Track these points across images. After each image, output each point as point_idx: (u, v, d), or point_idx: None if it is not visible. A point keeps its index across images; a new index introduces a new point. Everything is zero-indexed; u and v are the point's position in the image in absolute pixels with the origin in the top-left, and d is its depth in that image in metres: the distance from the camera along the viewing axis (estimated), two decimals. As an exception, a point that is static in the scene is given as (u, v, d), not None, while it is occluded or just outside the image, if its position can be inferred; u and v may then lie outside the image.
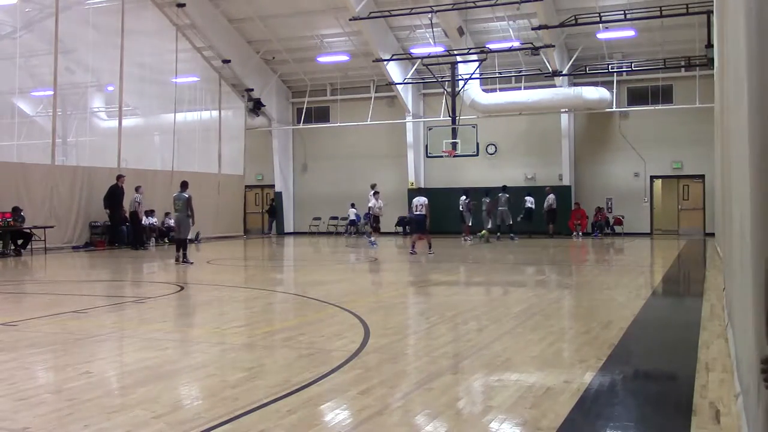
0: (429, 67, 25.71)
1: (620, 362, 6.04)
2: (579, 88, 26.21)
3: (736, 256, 4.79)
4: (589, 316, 8.64)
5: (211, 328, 7.91)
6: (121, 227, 22.55)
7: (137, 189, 22.14)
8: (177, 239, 16.60)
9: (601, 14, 22.49)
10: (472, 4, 22.82)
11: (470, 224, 24.90)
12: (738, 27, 4.00)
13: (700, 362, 5.83)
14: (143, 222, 23.40)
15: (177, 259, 16.18)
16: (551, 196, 26.03)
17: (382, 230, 23.71)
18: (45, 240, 19.81)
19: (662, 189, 28.73)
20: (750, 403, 3.58)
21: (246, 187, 30.48)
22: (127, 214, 21.99)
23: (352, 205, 29.11)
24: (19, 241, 19.44)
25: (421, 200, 18.90)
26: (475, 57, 25.58)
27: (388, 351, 6.41)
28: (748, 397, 3.69)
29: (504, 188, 25.60)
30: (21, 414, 4.53)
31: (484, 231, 25.04)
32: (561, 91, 26.33)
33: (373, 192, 22.68)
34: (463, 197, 25.04)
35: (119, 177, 22.03)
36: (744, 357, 4.12)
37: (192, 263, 16.00)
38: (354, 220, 29.29)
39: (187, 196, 16.02)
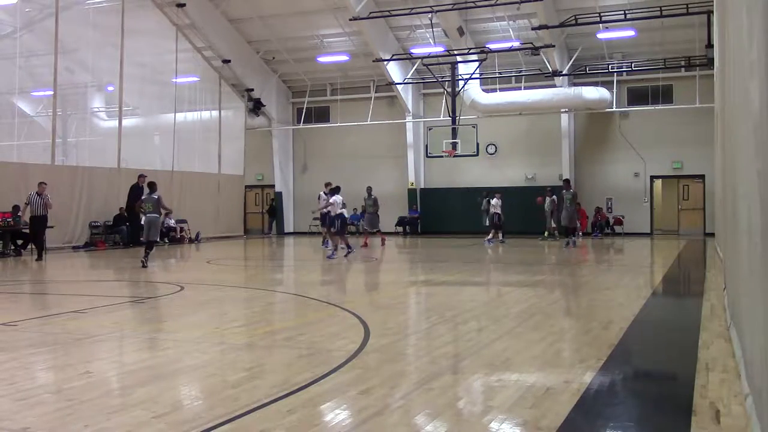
0: (429, 67, 25.71)
1: (620, 362, 6.04)
2: (579, 88, 26.21)
3: (743, 255, 4.77)
4: (589, 316, 8.64)
5: (211, 328, 7.90)
6: (121, 227, 22.58)
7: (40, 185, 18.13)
8: (148, 241, 15.48)
9: (601, 14, 22.49)
10: (472, 4, 22.82)
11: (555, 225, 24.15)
12: (746, 25, 3.99)
13: (700, 362, 5.83)
14: (142, 222, 23.36)
15: (143, 263, 15.14)
16: (554, 197, 25.94)
17: (380, 230, 23.57)
18: (45, 240, 19.77)
19: (662, 189, 28.73)
20: (763, 405, 3.56)
21: (246, 187, 30.48)
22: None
23: (344, 205, 29.06)
24: (19, 242, 19.43)
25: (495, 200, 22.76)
26: (475, 57, 25.58)
27: (388, 351, 6.40)
28: (761, 399, 3.67)
29: (566, 182, 22.73)
30: (21, 414, 4.53)
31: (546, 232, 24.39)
32: (561, 91, 26.33)
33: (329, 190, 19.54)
34: (552, 197, 24.26)
35: (140, 177, 21.97)
36: (754, 358, 4.11)
37: (147, 267, 14.95)
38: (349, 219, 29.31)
39: (156, 197, 15.35)
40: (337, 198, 18.23)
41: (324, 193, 20.20)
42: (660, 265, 16.40)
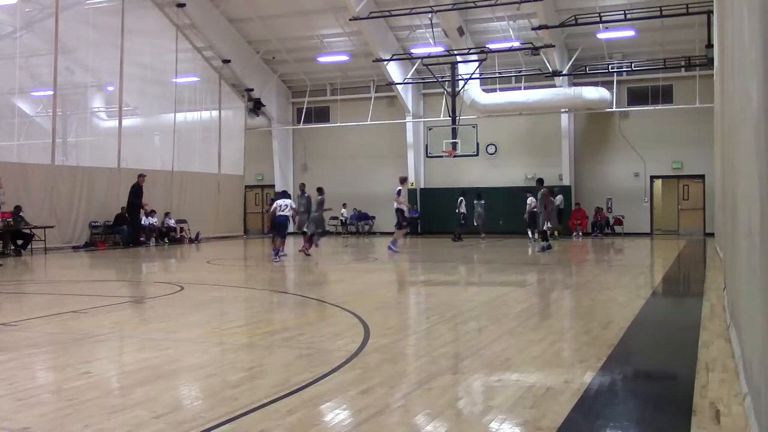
0: (429, 67, 25.71)
1: (620, 362, 6.04)
2: (579, 88, 26.22)
3: (743, 255, 4.78)
4: (589, 316, 8.64)
5: (211, 328, 7.90)
6: (121, 227, 22.58)
7: None
8: (308, 233, 18.45)
9: (601, 14, 22.50)
10: (472, 4, 22.83)
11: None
12: (746, 26, 3.99)
13: (700, 362, 5.82)
14: (143, 222, 23.39)
15: (306, 250, 18.21)
16: (559, 197, 25.84)
17: (379, 231, 23.55)
18: (45, 240, 19.81)
19: (662, 189, 28.74)
20: (761, 405, 3.56)
21: (246, 187, 30.49)
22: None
23: (344, 205, 29.52)
24: (19, 242, 19.44)
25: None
26: (475, 57, 25.59)
27: (388, 351, 6.40)
28: (759, 398, 3.67)
29: (538, 182, 20.30)
30: (21, 414, 4.52)
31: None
32: (561, 91, 26.33)
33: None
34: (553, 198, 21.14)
35: (140, 176, 22.37)
36: (753, 358, 4.11)
37: (309, 255, 17.73)
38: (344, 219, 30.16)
39: (306, 195, 18.76)
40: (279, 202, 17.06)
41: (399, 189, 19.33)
42: (660, 265, 16.39)
